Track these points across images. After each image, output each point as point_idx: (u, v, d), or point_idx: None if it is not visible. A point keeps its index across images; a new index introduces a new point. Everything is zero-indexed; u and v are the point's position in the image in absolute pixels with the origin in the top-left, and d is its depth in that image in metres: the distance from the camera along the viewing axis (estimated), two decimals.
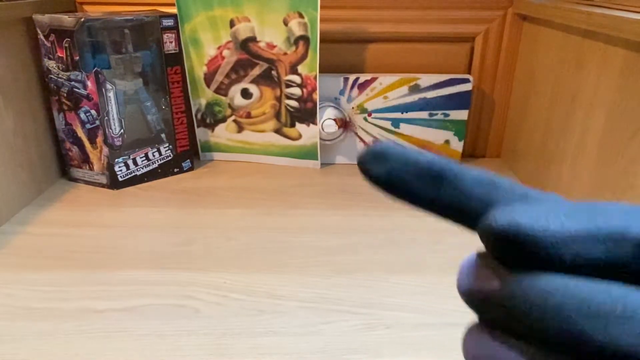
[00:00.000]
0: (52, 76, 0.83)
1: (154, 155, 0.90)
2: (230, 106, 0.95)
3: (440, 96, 0.93)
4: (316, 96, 0.90)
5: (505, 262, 0.14)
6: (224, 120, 0.97)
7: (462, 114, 0.94)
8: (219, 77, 0.93)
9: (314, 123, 0.93)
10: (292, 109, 0.93)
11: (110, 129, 0.83)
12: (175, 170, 0.93)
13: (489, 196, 0.16)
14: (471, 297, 0.15)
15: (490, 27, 0.95)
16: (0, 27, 0.75)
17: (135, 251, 0.67)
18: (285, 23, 0.86)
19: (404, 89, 0.93)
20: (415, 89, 0.93)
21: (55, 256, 0.66)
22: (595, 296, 0.12)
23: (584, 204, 0.14)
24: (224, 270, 0.63)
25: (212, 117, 0.97)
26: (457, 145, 0.97)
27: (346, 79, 0.93)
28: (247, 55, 0.90)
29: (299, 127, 0.94)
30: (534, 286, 0.13)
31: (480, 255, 0.15)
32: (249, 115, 0.96)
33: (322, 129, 0.92)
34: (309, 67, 0.88)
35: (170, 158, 0.92)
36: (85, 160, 0.87)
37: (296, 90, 0.91)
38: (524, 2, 0.88)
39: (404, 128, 0.96)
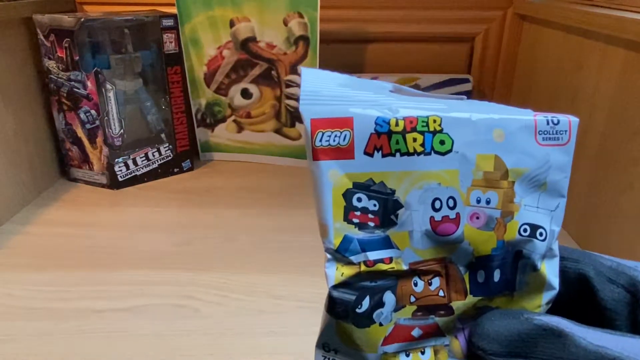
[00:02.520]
0: (52, 76, 0.83)
1: (154, 155, 0.90)
2: (230, 106, 0.95)
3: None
4: None
5: None
6: (224, 120, 0.97)
7: None
8: (219, 77, 0.93)
9: None
10: (292, 109, 0.93)
11: (110, 129, 0.83)
12: (175, 170, 0.93)
13: None
14: None
15: (490, 27, 0.95)
16: (0, 27, 0.75)
17: (135, 251, 0.67)
18: (285, 23, 0.86)
19: None
20: (415, 89, 0.93)
21: (55, 256, 0.66)
22: None
23: None
24: (224, 270, 0.63)
25: (212, 117, 0.97)
26: None
27: None
28: (247, 55, 0.90)
29: (299, 127, 0.94)
30: None
31: None
32: (249, 115, 0.96)
33: None
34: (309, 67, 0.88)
35: (170, 158, 0.92)
36: (85, 160, 0.87)
37: (296, 90, 0.91)
38: (524, 2, 0.88)
39: None
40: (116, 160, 0.85)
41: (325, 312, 0.20)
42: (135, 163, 0.88)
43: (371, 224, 0.19)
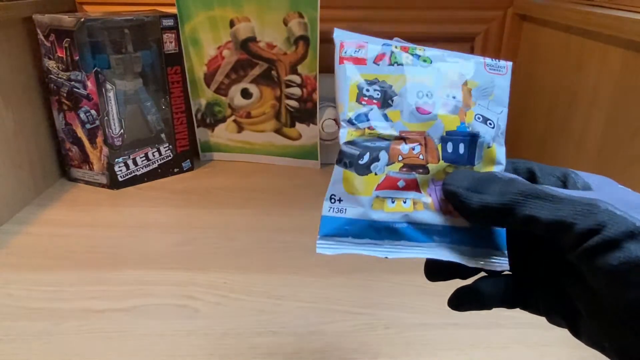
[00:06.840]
0: (52, 76, 0.83)
1: (154, 155, 0.90)
2: (230, 106, 0.95)
3: None
4: (316, 96, 0.90)
5: None
6: (224, 120, 0.97)
7: None
8: (219, 77, 0.93)
9: (314, 123, 0.93)
10: (292, 109, 0.93)
11: (110, 129, 0.83)
12: (175, 170, 0.93)
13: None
14: None
15: (490, 27, 0.95)
16: (0, 27, 0.75)
17: (135, 251, 0.67)
18: (285, 23, 0.86)
19: None
20: None
21: (55, 256, 0.66)
22: None
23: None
24: (224, 270, 0.63)
25: (212, 117, 0.97)
26: None
27: None
28: (247, 55, 0.90)
29: (299, 127, 0.94)
30: None
31: None
32: (249, 115, 0.96)
33: (322, 129, 0.92)
34: (309, 67, 0.88)
35: (170, 158, 0.92)
36: (85, 160, 0.87)
37: (296, 90, 0.91)
38: (524, 2, 0.88)
39: None
40: (116, 160, 0.85)
41: (336, 164, 0.27)
42: (135, 163, 0.88)
43: (375, 106, 0.28)
